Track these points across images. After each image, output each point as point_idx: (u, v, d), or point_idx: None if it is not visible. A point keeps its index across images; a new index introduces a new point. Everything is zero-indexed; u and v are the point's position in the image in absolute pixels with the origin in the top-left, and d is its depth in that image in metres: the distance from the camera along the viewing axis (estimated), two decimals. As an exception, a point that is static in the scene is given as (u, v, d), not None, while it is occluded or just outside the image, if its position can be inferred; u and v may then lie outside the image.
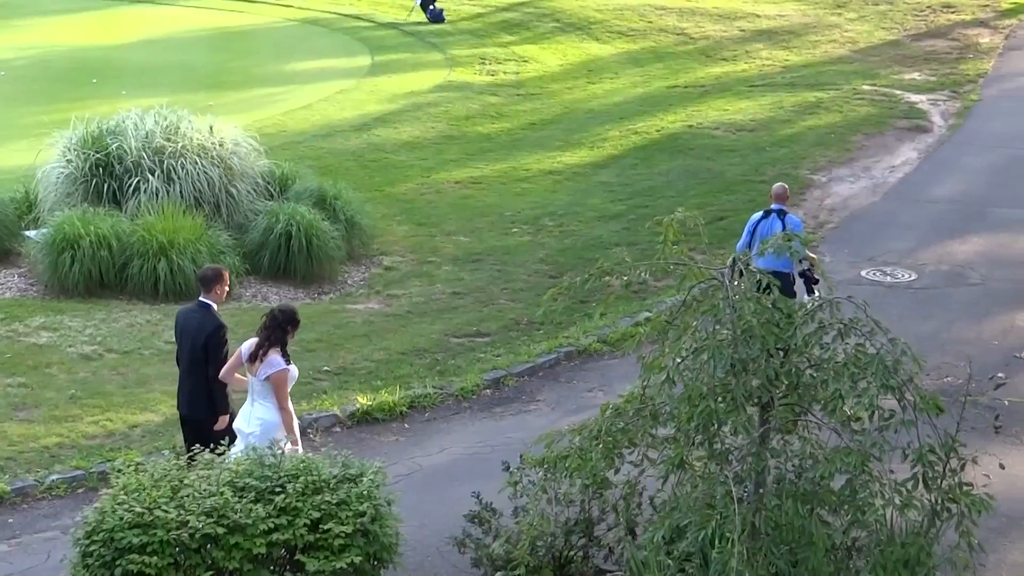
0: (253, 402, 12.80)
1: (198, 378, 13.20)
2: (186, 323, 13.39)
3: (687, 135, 29.09)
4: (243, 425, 12.82)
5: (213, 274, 13.43)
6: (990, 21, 40.86)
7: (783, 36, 39.36)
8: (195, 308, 13.43)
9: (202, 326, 13.16)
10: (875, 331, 9.69)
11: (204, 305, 13.31)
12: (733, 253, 10.45)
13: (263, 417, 12.66)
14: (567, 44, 39.41)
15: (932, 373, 16.17)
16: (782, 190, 18.25)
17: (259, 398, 12.72)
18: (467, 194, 25.59)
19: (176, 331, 13.70)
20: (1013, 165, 26.75)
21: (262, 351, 12.57)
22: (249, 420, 12.76)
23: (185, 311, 13.64)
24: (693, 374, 9.71)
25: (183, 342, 13.43)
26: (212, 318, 13.23)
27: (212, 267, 13.90)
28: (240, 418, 12.92)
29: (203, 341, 13.09)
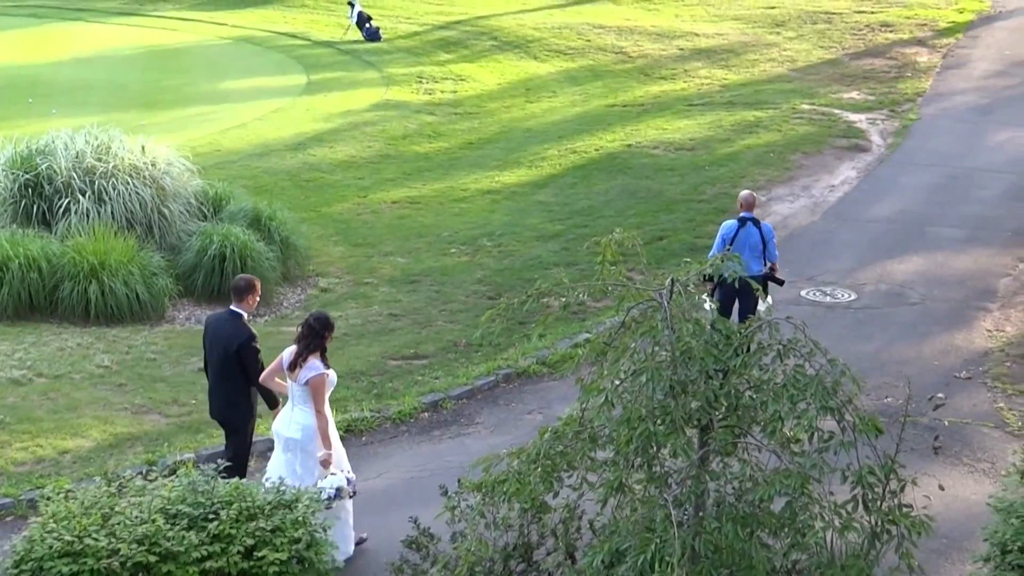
0: (293, 407, 13.11)
1: (228, 384, 13.66)
2: (217, 331, 13.78)
3: (626, 154, 29.20)
4: (283, 428, 13.14)
5: (246, 284, 13.77)
6: (928, 40, 41.28)
7: (722, 55, 39.60)
8: (226, 316, 13.81)
9: (234, 335, 13.53)
10: (814, 352, 9.71)
11: (235, 314, 13.69)
12: (672, 273, 10.43)
13: (303, 421, 12.98)
14: (505, 63, 39.50)
15: (872, 394, 16.32)
16: (752, 198, 18.37)
17: (299, 403, 13.03)
18: (404, 214, 25.56)
19: (205, 338, 14.03)
20: (951, 184, 27.00)
21: (301, 358, 12.87)
22: (289, 424, 13.08)
23: (216, 318, 14.08)
24: (632, 396, 9.70)
25: (213, 349, 13.78)
26: (244, 327, 13.62)
27: (245, 277, 14.15)
28: (279, 421, 13.27)
29: (235, 349, 13.46)
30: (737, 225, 17.83)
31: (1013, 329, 19.42)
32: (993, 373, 17.80)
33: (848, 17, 44.29)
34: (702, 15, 45.56)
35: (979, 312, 20.19)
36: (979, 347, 18.79)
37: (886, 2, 46.69)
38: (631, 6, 47.38)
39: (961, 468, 15.14)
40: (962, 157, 29.06)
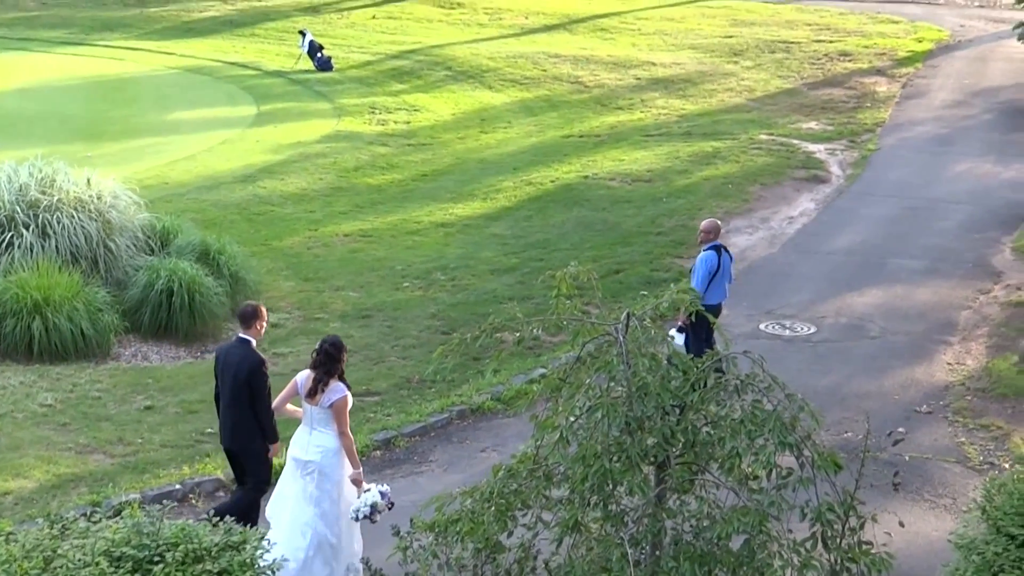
0: (312, 430, 13.32)
1: (240, 411, 13.94)
2: (227, 358, 14.09)
3: (582, 186, 29.28)
4: (300, 453, 13.32)
5: (252, 311, 14.17)
6: (887, 70, 41.64)
7: (679, 84, 39.82)
8: (236, 344, 14.19)
9: (243, 361, 13.87)
10: (772, 387, 9.75)
11: (244, 341, 14.04)
12: (628, 308, 10.45)
13: (323, 444, 13.24)
14: (459, 93, 39.59)
15: (831, 429, 16.38)
16: (720, 226, 18.74)
17: (319, 426, 13.27)
18: (356, 248, 25.52)
19: (216, 367, 14.30)
20: (910, 215, 27.19)
21: (322, 383, 13.18)
22: (307, 448, 13.28)
23: (226, 347, 14.43)
24: (587, 433, 9.70)
25: (224, 377, 14.06)
26: (253, 354, 13.95)
27: (250, 304, 14.56)
28: (295, 446, 13.42)
29: (245, 376, 13.79)
30: (716, 255, 17.98)
31: (974, 362, 19.54)
32: (954, 407, 17.90)
33: (807, 46, 44.64)
34: (659, 44, 45.82)
35: (940, 345, 20.31)
36: (940, 381, 18.90)
37: (845, 31, 47.11)
38: (587, 35, 47.62)
39: (922, 504, 15.20)
40: (922, 188, 29.30)
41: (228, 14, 51.80)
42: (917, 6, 54.16)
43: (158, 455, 16.51)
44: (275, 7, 52.75)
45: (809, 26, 48.37)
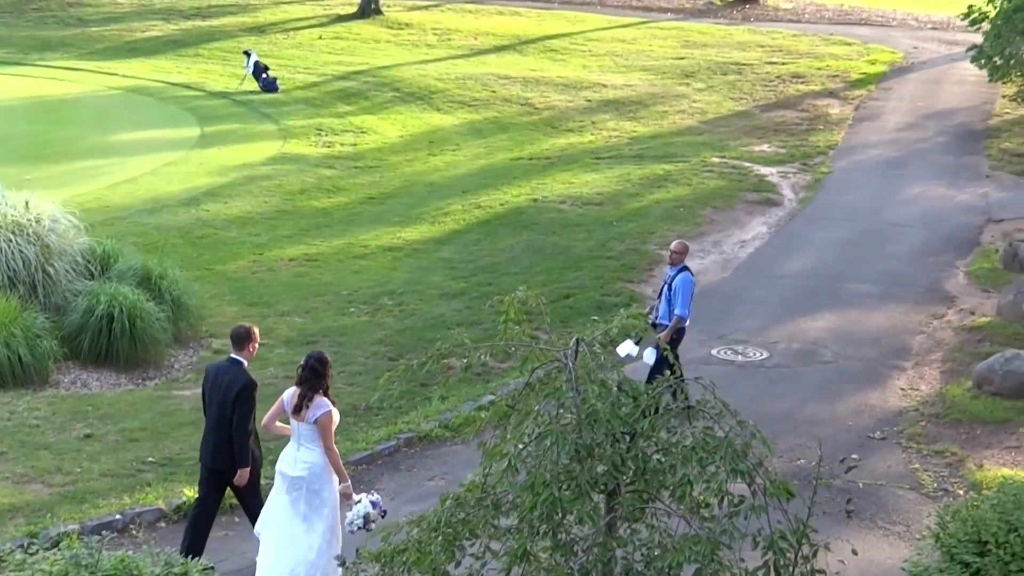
0: (299, 446, 13.61)
1: (226, 431, 14.10)
2: (218, 378, 14.30)
3: (532, 209, 29.31)
4: (288, 468, 13.60)
5: (245, 333, 14.39)
6: (840, 92, 41.95)
7: (630, 106, 39.98)
8: (227, 365, 14.38)
9: (234, 382, 14.09)
10: (724, 413, 9.77)
11: (236, 362, 14.27)
12: (578, 333, 10.46)
13: (310, 460, 13.53)
14: (407, 114, 39.61)
15: (784, 455, 16.44)
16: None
17: (306, 442, 13.57)
18: (302, 272, 25.46)
19: (205, 385, 14.52)
20: (863, 239, 27.36)
21: (307, 399, 13.47)
22: (295, 464, 13.56)
23: (217, 367, 14.59)
24: (536, 461, 9.69)
25: (213, 396, 14.27)
26: (244, 375, 14.18)
27: (243, 326, 14.67)
28: (283, 461, 13.73)
29: (234, 396, 13.99)
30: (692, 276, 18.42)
31: (928, 388, 19.66)
32: (908, 433, 18.00)
33: (759, 68, 44.91)
34: (610, 66, 45.99)
35: (893, 371, 20.43)
36: (893, 406, 19.00)
37: (797, 53, 47.43)
38: (537, 56, 47.74)
39: (876, 531, 15.27)
40: (875, 211, 29.50)
41: (171, 34, 51.64)
42: (870, 28, 54.58)
43: (98, 485, 16.39)
44: (219, 27, 52.63)
45: (761, 48, 48.67)
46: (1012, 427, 17.96)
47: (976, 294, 23.96)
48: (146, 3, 57.01)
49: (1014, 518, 11.95)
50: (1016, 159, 34.52)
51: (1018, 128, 37.93)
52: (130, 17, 54.15)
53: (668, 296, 18.35)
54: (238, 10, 56.01)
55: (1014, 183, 32.53)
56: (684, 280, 18.37)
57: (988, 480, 15.94)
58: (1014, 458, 17.05)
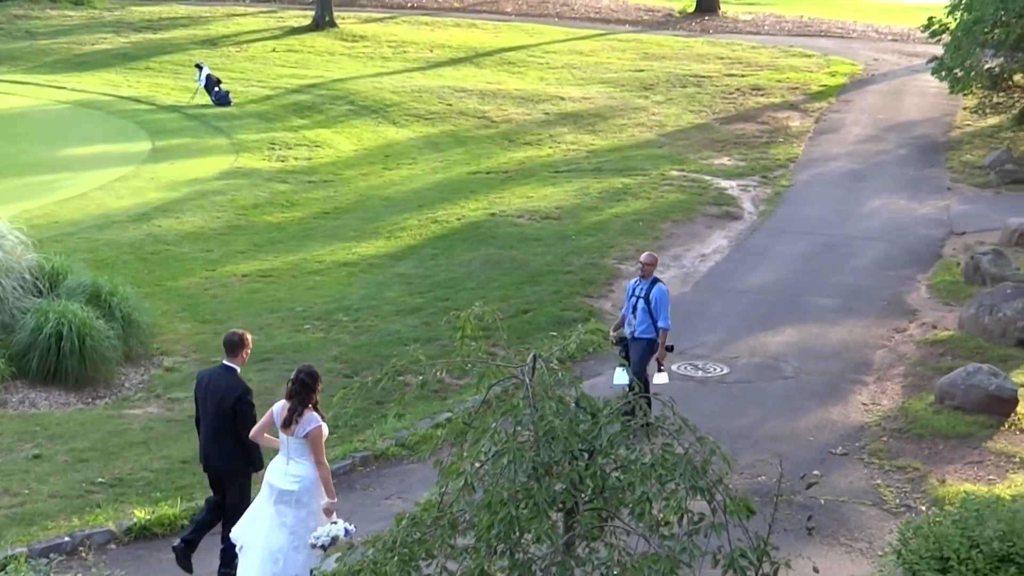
0: (289, 460, 13.71)
1: (222, 438, 14.33)
2: (211, 385, 14.47)
3: (489, 223, 29.31)
4: (278, 481, 13.68)
5: (238, 339, 14.53)
6: (800, 104, 42.17)
7: (588, 119, 40.06)
8: (220, 371, 14.57)
9: (229, 389, 14.29)
10: (683, 429, 9.79)
11: (229, 368, 14.46)
12: (535, 350, 10.46)
13: (301, 474, 13.64)
14: (362, 128, 39.58)
15: (745, 472, 16.47)
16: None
17: (295, 456, 13.68)
18: (255, 288, 25.37)
19: (199, 392, 14.68)
20: (824, 252, 27.47)
21: (297, 413, 13.57)
22: (285, 477, 13.66)
23: (210, 373, 14.78)
24: (493, 479, 9.68)
25: (207, 403, 14.46)
26: (238, 381, 14.40)
27: (236, 332, 14.79)
28: (272, 472, 13.80)
29: (231, 403, 14.20)
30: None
31: (889, 402, 19.72)
32: (870, 448, 18.04)
33: (718, 80, 45.11)
34: (568, 78, 46.10)
35: (855, 385, 20.49)
36: (855, 422, 19.05)
37: (757, 65, 47.66)
38: (494, 69, 47.81)
39: (837, 548, 15.29)
40: (836, 224, 29.63)
41: (121, 47, 51.50)
42: (830, 39, 54.91)
43: (46, 506, 16.28)
44: (171, 40, 52.51)
45: (721, 60, 48.89)
46: (974, 442, 18.04)
47: (938, 307, 24.07)
48: (96, 16, 56.88)
49: (976, 534, 12.01)
50: (977, 171, 34.76)
51: (979, 140, 38.21)
52: (79, 30, 53.99)
53: (646, 309, 18.38)
54: (189, 23, 55.92)
55: (975, 195, 32.75)
56: (663, 292, 18.58)
57: (950, 496, 16.01)
58: (976, 473, 17.12)
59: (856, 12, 63.07)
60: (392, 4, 62.79)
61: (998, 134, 38.75)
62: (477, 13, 61.08)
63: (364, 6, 61.65)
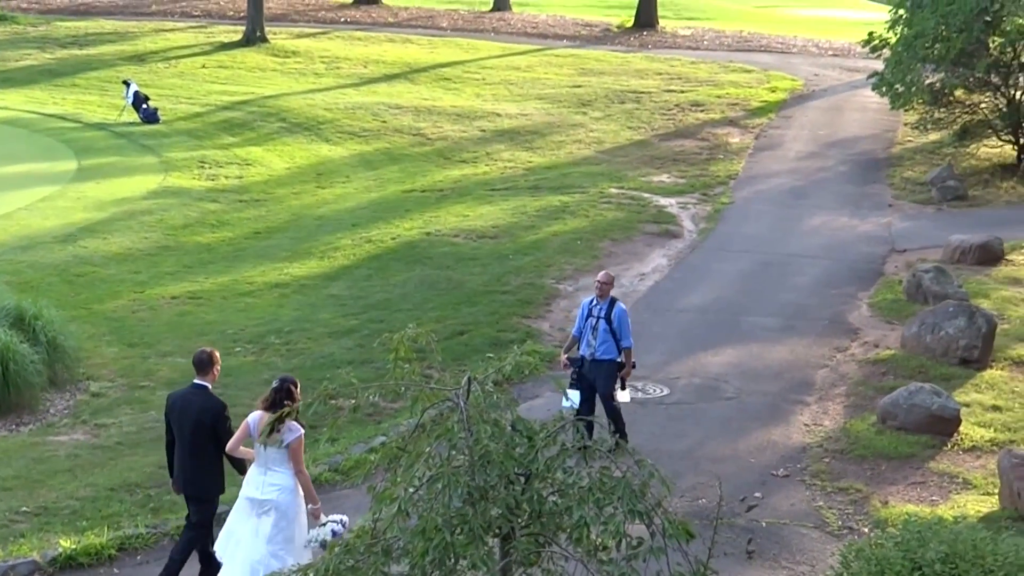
0: (267, 471, 13.91)
1: (201, 458, 14.49)
2: (185, 406, 14.56)
3: (425, 243, 29.31)
4: (255, 492, 13.93)
5: (207, 357, 14.70)
6: (740, 120, 42.43)
7: (526, 136, 40.16)
8: (192, 391, 14.66)
9: (205, 407, 14.44)
10: (621, 452, 9.81)
11: (201, 387, 14.61)
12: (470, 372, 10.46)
13: (280, 483, 13.87)
14: (294, 146, 39.53)
15: (685, 495, 16.52)
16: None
17: (274, 465, 13.88)
18: (185, 311, 25.27)
19: (171, 414, 14.72)
20: (764, 271, 27.61)
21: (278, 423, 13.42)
22: (264, 487, 13.89)
23: (181, 395, 14.82)
24: (427, 504, 9.67)
25: (182, 424, 14.51)
26: (214, 399, 14.62)
27: (205, 350, 14.92)
28: (249, 486, 14.03)
29: (210, 422, 14.35)
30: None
31: (831, 423, 19.82)
32: (812, 470, 18.12)
33: (657, 96, 45.32)
34: (504, 94, 46.20)
35: (796, 406, 20.58)
36: (797, 443, 19.14)
37: (696, 81, 47.93)
38: (429, 85, 47.85)
39: (779, 571, 15.35)
40: (776, 242, 29.80)
41: (46, 63, 51.23)
42: (770, 55, 55.28)
43: (-32, 537, 16.13)
44: (97, 56, 52.26)
45: (660, 75, 49.13)
46: (917, 462, 18.16)
47: (880, 326, 24.23)
48: (20, 32, 56.55)
49: (918, 556, 12.08)
50: (919, 188, 35.09)
51: (920, 156, 38.57)
52: (3, 46, 53.71)
53: (608, 330, 18.44)
54: (117, 38, 55.70)
55: (917, 212, 33.05)
56: (623, 312, 18.66)
57: (893, 517, 16.10)
58: (919, 494, 17.24)
59: (796, 27, 63.58)
60: (325, 19, 62.76)
61: (939, 150, 39.12)
62: (412, 28, 61.14)
63: (296, 21, 61.60)
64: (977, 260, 27.71)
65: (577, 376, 18.31)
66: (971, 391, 20.53)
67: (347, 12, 65.25)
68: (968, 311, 22.02)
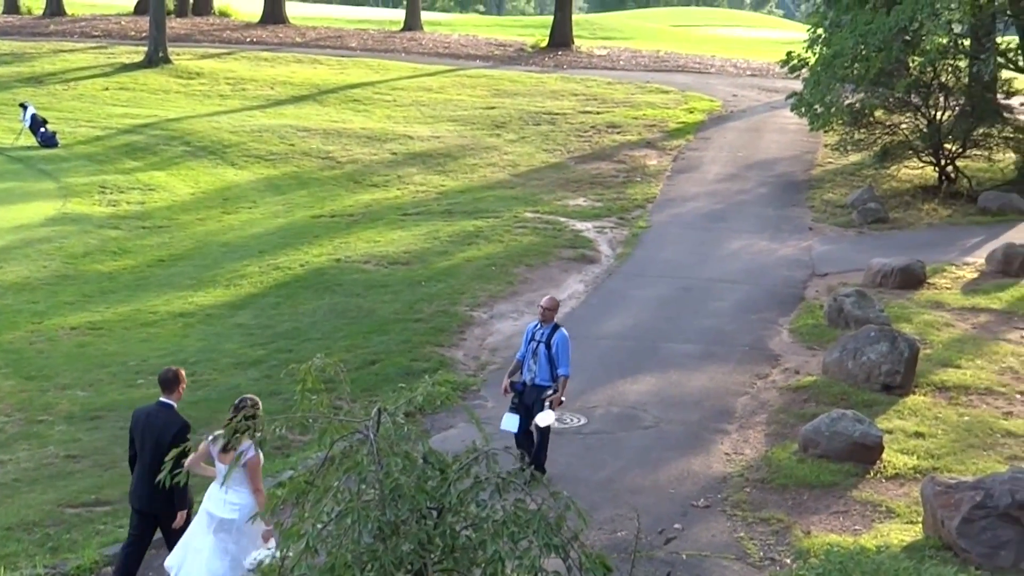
0: (227, 488, 14.19)
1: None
2: (149, 423, 14.93)
3: (334, 270, 29.24)
4: (215, 509, 14.33)
5: (172, 375, 15.13)
6: (657, 142, 42.67)
7: (438, 159, 40.20)
8: (157, 408, 15.06)
9: (168, 425, 14.74)
10: (536, 484, 9.82)
11: (166, 405, 15.01)
12: (380, 403, 10.45)
13: (239, 502, 14.26)
14: (199, 170, 39.35)
15: (603, 527, 16.54)
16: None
17: (234, 484, 14.19)
18: (85, 341, 25.06)
19: (136, 430, 15.11)
20: (683, 296, 27.74)
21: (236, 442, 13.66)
22: (223, 505, 14.29)
23: (146, 411, 15.19)
24: (336, 541, 9.64)
25: (145, 441, 14.87)
26: (177, 417, 14.92)
27: (171, 369, 15.37)
28: (210, 502, 14.44)
29: (170, 440, 14.05)
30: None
31: (752, 452, 19.92)
32: (732, 500, 18.20)
33: (573, 118, 45.51)
34: (416, 116, 46.23)
35: (716, 434, 20.66)
36: (717, 472, 19.21)
37: (612, 102, 48.18)
38: (338, 107, 47.82)
39: (700, 604, 15.42)
40: (695, 267, 29.96)
41: (-61, 85, 50.75)
42: (687, 75, 55.69)
43: None
44: (-7, 77, 51.86)
45: (575, 96, 49.35)
46: (839, 491, 18.28)
47: (801, 352, 24.40)
48: (-89, 52, 56.00)
49: (841, 586, 12.19)
50: (839, 210, 35.41)
51: (841, 178, 38.96)
52: None
53: (546, 355, 18.54)
54: (13, 59, 55.26)
55: (838, 235, 33.35)
56: (564, 338, 18.79)
57: (815, 548, 16.20)
58: (842, 523, 17.35)
59: (714, 47, 64.12)
60: (230, 39, 62.60)
61: (860, 171, 39.57)
62: (320, 48, 61.09)
63: (200, 41, 61.42)
64: (899, 284, 28.00)
65: (519, 401, 18.46)
66: (894, 417, 20.71)
67: (253, 32, 65.16)
68: (890, 336, 22.21)
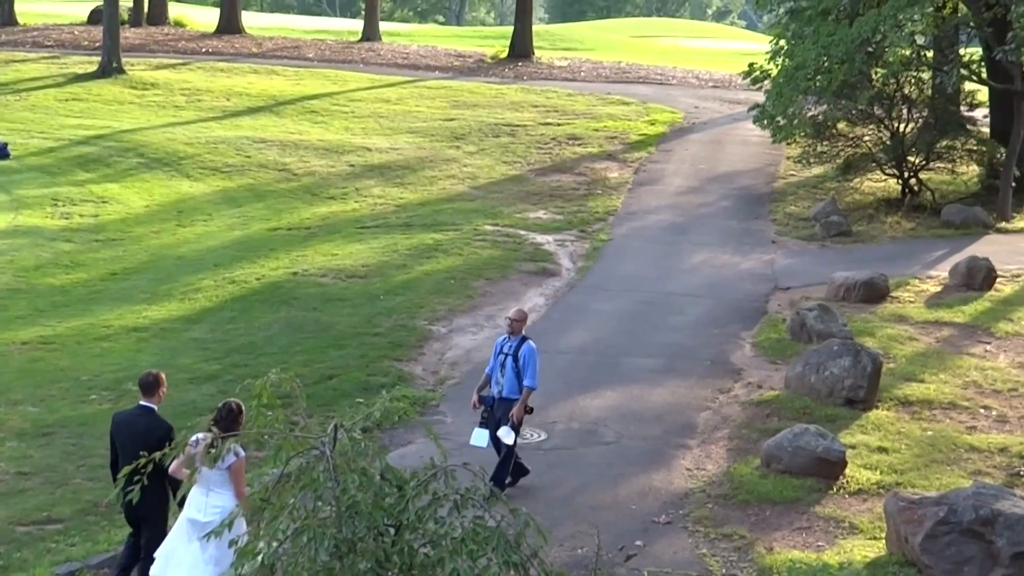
0: (209, 492, 14.31)
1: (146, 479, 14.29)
2: (132, 427, 15.02)
3: (291, 283, 29.18)
4: (198, 514, 14.33)
5: (154, 379, 15.21)
6: (619, 154, 42.75)
7: (397, 171, 40.18)
8: (138, 412, 15.19)
9: (151, 429, 14.81)
10: (495, 501, 9.82)
11: (147, 408, 15.13)
12: (337, 418, 10.43)
13: (222, 505, 14.21)
14: (153, 182, 39.23)
15: (564, 544, 16.52)
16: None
17: (215, 487, 14.29)
18: (36, 356, 24.93)
19: (117, 436, 15.25)
20: (645, 310, 27.76)
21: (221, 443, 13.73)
22: (205, 509, 14.29)
23: (127, 416, 15.36)
24: (292, 559, 9.64)
25: (128, 446, 14.64)
26: (160, 421, 15.06)
27: (151, 372, 15.44)
28: (191, 507, 14.44)
29: (155, 444, 13.76)
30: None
31: (714, 467, 19.95)
32: (694, 516, 18.20)
33: (533, 130, 45.56)
34: (374, 128, 46.21)
35: (678, 450, 20.67)
36: (679, 488, 19.22)
37: (573, 113, 48.26)
38: (295, 119, 47.76)
39: (661, 622, 15.42)
40: (657, 281, 30.00)
41: None
42: (648, 86, 55.82)
43: None
44: (-57, 87, 51.62)
45: (536, 108, 49.41)
46: (802, 507, 18.31)
47: (763, 366, 24.45)
48: None
49: (804, 603, 12.22)
50: (802, 223, 35.54)
51: (803, 191, 39.10)
52: None
53: (514, 368, 18.56)
54: (-37, 69, 55.02)
55: (800, 249, 33.45)
56: (532, 350, 18.79)
57: (777, 564, 16.24)
58: (804, 539, 17.38)
59: (675, 58, 64.33)
60: (185, 49, 62.46)
61: (823, 184, 39.73)
62: (277, 59, 61.03)
63: (155, 52, 61.27)
64: (862, 297, 28.09)
65: (488, 415, 18.47)
66: (857, 432, 20.77)
67: (208, 42, 65.04)
68: (853, 350, 22.28)
